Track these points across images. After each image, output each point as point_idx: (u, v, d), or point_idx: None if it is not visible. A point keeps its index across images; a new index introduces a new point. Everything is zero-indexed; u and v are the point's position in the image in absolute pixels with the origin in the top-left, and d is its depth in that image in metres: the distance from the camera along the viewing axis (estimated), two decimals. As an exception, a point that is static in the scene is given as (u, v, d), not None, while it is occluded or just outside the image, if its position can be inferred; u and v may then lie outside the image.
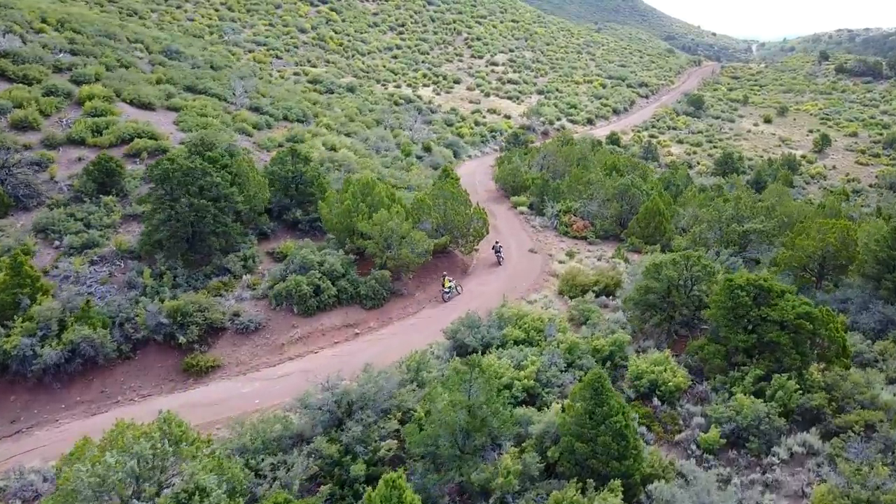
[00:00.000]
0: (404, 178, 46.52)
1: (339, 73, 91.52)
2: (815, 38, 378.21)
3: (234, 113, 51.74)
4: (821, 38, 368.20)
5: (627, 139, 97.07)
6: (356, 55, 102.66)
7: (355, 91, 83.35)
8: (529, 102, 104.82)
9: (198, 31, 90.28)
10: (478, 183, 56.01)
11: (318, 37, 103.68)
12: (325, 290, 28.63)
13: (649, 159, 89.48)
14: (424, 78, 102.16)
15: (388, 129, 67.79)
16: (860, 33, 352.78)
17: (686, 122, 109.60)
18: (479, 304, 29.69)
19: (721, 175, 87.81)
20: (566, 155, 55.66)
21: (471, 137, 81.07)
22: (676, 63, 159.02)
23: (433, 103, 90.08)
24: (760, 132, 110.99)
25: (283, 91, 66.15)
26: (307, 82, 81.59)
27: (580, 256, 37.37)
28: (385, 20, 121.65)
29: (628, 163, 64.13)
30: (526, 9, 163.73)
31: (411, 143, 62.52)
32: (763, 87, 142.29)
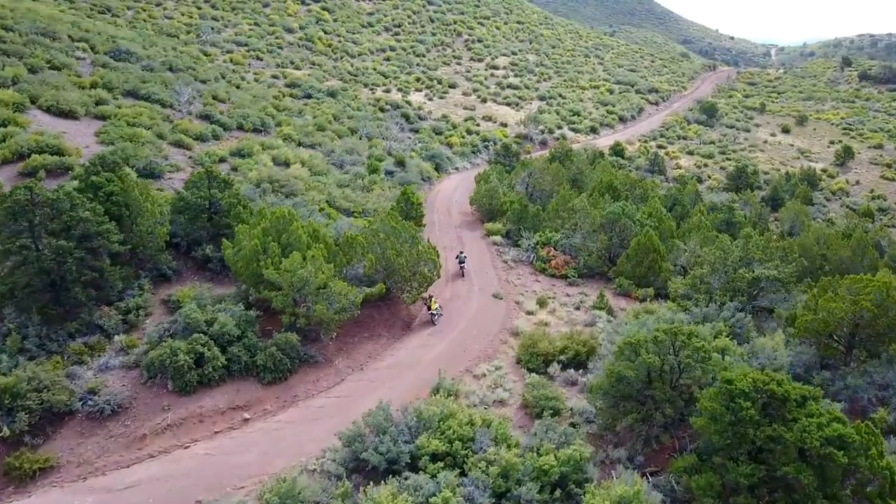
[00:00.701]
0: (361, 200, 40.15)
1: (324, 76, 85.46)
2: (835, 43, 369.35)
3: (177, 122, 45.68)
4: (842, 42, 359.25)
5: (633, 150, 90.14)
6: (345, 57, 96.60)
7: (337, 96, 77.20)
8: (529, 109, 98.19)
9: (173, 31, 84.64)
10: (455, 203, 49.57)
11: (306, 37, 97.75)
12: (211, 360, 22.31)
13: (655, 172, 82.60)
14: (417, 82, 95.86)
15: (363, 139, 61.54)
16: (883, 38, 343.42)
17: (697, 132, 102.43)
18: (412, 380, 23.27)
19: (734, 191, 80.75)
20: (555, 173, 49.05)
21: (460, 148, 74.64)
22: (690, 68, 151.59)
23: (423, 109, 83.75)
24: (778, 143, 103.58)
25: (247, 97, 60.12)
26: (285, 86, 75.58)
27: (554, 305, 30.77)
28: (380, 20, 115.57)
29: (627, 181, 57.38)
30: (533, 10, 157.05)
31: (385, 156, 56.19)
32: (781, 94, 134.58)
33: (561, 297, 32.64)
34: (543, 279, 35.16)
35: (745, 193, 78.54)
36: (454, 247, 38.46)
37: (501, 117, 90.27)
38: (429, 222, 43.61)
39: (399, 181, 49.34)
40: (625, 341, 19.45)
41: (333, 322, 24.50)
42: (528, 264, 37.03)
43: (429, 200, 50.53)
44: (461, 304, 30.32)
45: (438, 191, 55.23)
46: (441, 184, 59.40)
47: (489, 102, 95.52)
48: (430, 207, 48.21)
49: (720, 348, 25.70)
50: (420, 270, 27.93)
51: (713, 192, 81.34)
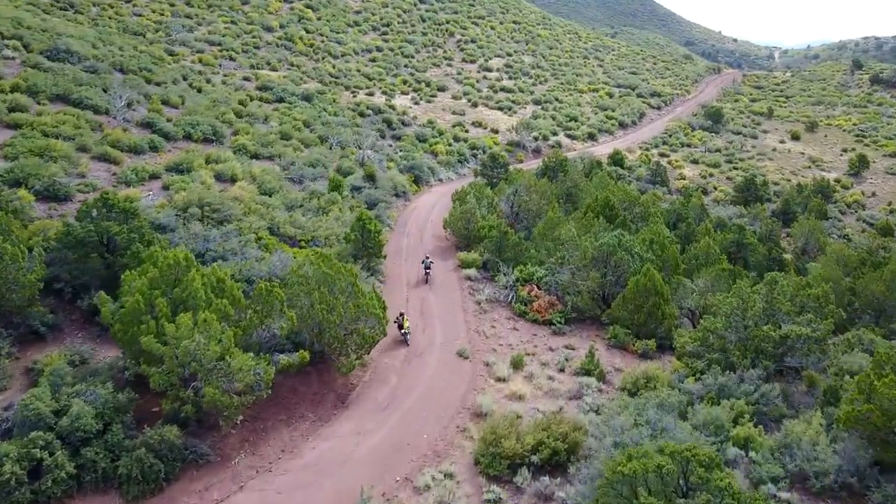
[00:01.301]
0: (312, 226, 34.16)
1: (302, 77, 79.54)
2: (840, 46, 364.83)
3: (107, 131, 39.70)
4: (846, 45, 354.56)
5: (633, 158, 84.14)
6: (327, 58, 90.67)
7: (312, 100, 71.24)
8: (523, 114, 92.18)
9: (140, 29, 78.74)
10: (430, 224, 43.57)
11: (286, 36, 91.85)
12: (53, 471, 16.33)
13: (657, 184, 76.61)
14: (404, 84, 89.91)
15: (333, 149, 55.56)
16: (888, 41, 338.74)
17: (702, 139, 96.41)
18: (332, 493, 17.28)
19: (742, 203, 74.73)
20: (543, 191, 43.04)
21: (446, 157, 68.69)
22: (693, 71, 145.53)
23: (408, 114, 77.78)
24: (787, 151, 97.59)
25: (205, 102, 54.17)
26: (255, 88, 69.63)
27: (532, 367, 24.77)
28: (368, 19, 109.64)
29: (626, 197, 51.38)
30: (531, 9, 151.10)
31: (355, 168, 50.20)
32: (790, 98, 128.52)
33: (542, 351, 26.62)
34: (523, 326, 29.15)
35: (753, 207, 72.58)
36: (420, 284, 32.50)
37: (493, 123, 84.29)
38: (394, 250, 37.64)
39: (366, 199, 43.30)
40: (615, 470, 13.44)
41: (234, 407, 18.52)
42: (505, 305, 31.01)
43: (400, 221, 44.54)
44: (417, 366, 24.31)
45: (415, 208, 49.26)
46: (419, 199, 53.42)
47: (480, 107, 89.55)
48: (401, 229, 42.24)
49: (742, 440, 19.81)
50: (358, 329, 21.92)
51: (720, 206, 75.36)
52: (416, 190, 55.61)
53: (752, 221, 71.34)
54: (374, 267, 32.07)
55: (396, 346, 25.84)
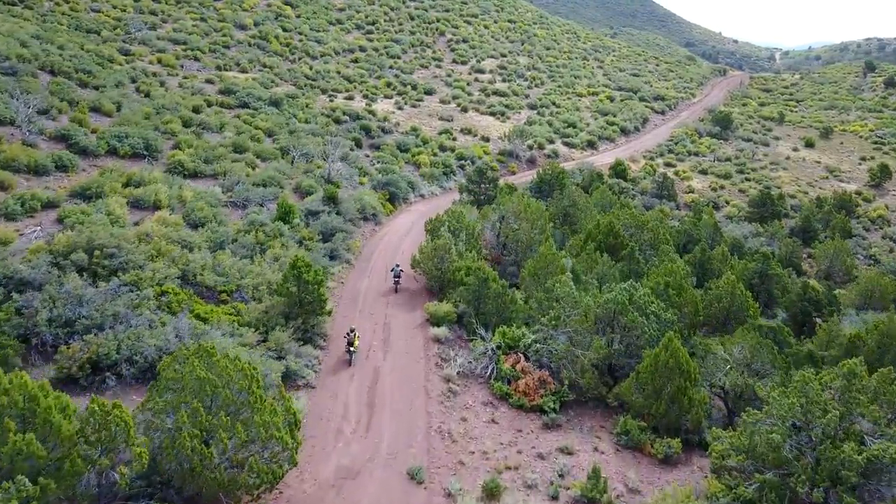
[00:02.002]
0: (238, 272, 26.94)
1: (273, 80, 72.29)
2: (842, 47, 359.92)
3: (4, 147, 32.44)
4: (848, 46, 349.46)
5: (637, 169, 77.00)
6: (304, 58, 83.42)
7: (281, 105, 63.98)
8: (518, 119, 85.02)
9: (96, 26, 71.45)
10: (400, 256, 36.33)
11: (260, 35, 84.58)
12: None
13: (664, 198, 69.49)
14: (388, 87, 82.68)
15: (296, 163, 48.34)
16: (891, 42, 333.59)
17: (711, 146, 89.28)
18: None
19: (758, 220, 67.63)
20: (535, 217, 35.83)
21: (429, 169, 61.54)
22: (698, 73, 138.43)
23: (389, 120, 70.58)
24: (802, 159, 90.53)
25: (145, 109, 46.89)
26: (218, 92, 62.37)
27: (514, 495, 17.54)
28: (352, 17, 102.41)
29: (632, 221, 44.19)
30: (527, 8, 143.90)
31: (316, 187, 42.95)
32: (800, 102, 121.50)
33: (529, 461, 19.46)
34: (504, 416, 21.97)
35: (771, 225, 65.48)
36: (374, 349, 25.28)
37: (483, 129, 77.09)
38: (349, 296, 30.44)
39: (322, 228, 35.98)
40: None
41: None
42: (483, 382, 23.80)
43: (365, 253, 37.29)
44: (346, 498, 17.03)
45: (385, 234, 42.04)
46: (394, 221, 46.24)
47: (470, 112, 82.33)
48: (363, 265, 34.99)
49: None
50: (251, 462, 14.70)
51: (733, 222, 68.22)
52: (390, 210, 48.39)
53: (769, 241, 64.30)
54: (313, 328, 24.83)
55: (329, 454, 18.61)
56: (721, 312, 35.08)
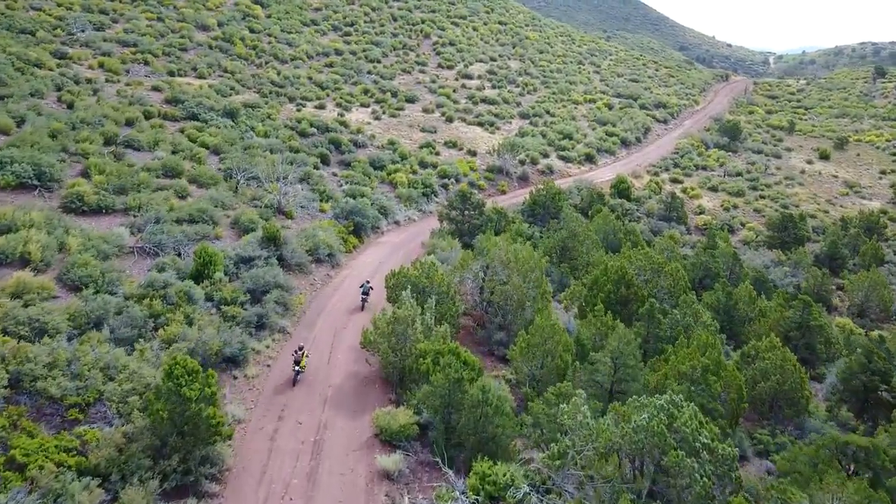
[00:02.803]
0: (102, 373, 18.82)
1: (234, 87, 64.14)
2: (836, 51, 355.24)
3: None
4: (843, 50, 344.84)
5: (641, 186, 69.28)
6: (272, 62, 75.29)
7: (237, 116, 55.87)
8: (508, 130, 77.20)
9: (32, 26, 63.07)
10: (353, 325, 28.17)
11: (224, 36, 76.43)
12: None
13: (673, 220, 61.74)
14: (365, 95, 74.68)
15: (241, 188, 40.24)
16: (886, 46, 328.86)
17: (720, 159, 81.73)
18: None
19: (779, 246, 59.97)
20: (526, 268, 27.83)
21: (406, 190, 53.56)
22: (700, 78, 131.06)
23: (364, 133, 62.59)
24: (818, 173, 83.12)
25: (55, 125, 38.65)
26: (164, 102, 54.23)
27: None
28: (329, 17, 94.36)
29: (646, 263, 36.25)
30: (518, 9, 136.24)
31: (256, 221, 34.82)
32: (809, 109, 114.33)
33: None
34: None
35: (795, 252, 57.83)
36: (291, 494, 17.22)
37: (470, 142, 69.17)
38: (272, 386, 22.32)
39: (250, 284, 27.72)
40: None
41: None
42: (451, 554, 15.71)
43: (311, 313, 29.15)
44: None
45: (343, 280, 33.96)
46: (357, 260, 38.18)
47: (456, 122, 74.41)
48: (301, 335, 26.81)
49: None
50: None
51: (751, 249, 60.52)
52: (354, 245, 40.28)
53: (793, 270, 56.60)
54: (201, 466, 16.70)
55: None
56: (768, 393, 27.22)
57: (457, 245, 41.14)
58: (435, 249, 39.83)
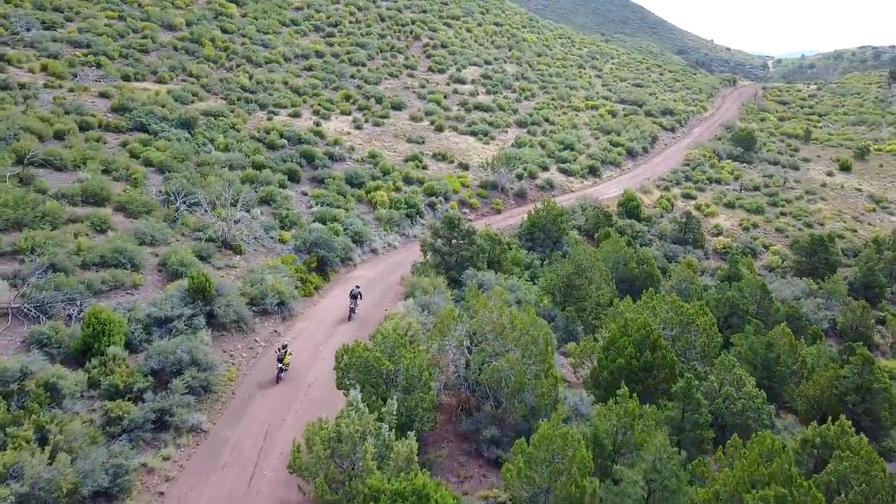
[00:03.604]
0: None
1: (197, 92, 57.24)
2: (836, 55, 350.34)
3: None
4: (842, 55, 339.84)
5: (651, 203, 62.61)
6: (244, 65, 68.40)
7: (195, 126, 48.98)
8: (504, 140, 70.45)
9: (-31, 24, 56.13)
10: (294, 418, 21.25)
11: (192, 37, 69.51)
12: None
13: (689, 243, 54.98)
14: (346, 101, 67.85)
15: (181, 220, 33.35)
16: (886, 50, 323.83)
17: (735, 172, 75.09)
18: None
19: (808, 273, 53.27)
20: (527, 339, 20.96)
21: (387, 211, 46.73)
22: (706, 82, 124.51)
23: (342, 144, 55.81)
24: (840, 186, 76.53)
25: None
26: (110, 110, 47.35)
27: None
28: (310, 17, 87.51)
29: (675, 313, 29.33)
30: (515, 10, 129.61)
31: (188, 261, 27.86)
32: (823, 116, 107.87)
33: None
34: None
35: (828, 281, 51.13)
36: None
37: (462, 154, 62.39)
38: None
39: (158, 360, 20.75)
40: None
41: None
42: None
43: (239, 398, 22.15)
44: None
45: (297, 336, 27.01)
46: (318, 306, 31.32)
47: (447, 131, 67.65)
48: (225, 433, 19.86)
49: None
50: None
51: (777, 277, 53.78)
52: (316, 285, 33.37)
53: (826, 302, 49.87)
54: None
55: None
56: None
57: (442, 284, 34.29)
58: (414, 291, 32.94)
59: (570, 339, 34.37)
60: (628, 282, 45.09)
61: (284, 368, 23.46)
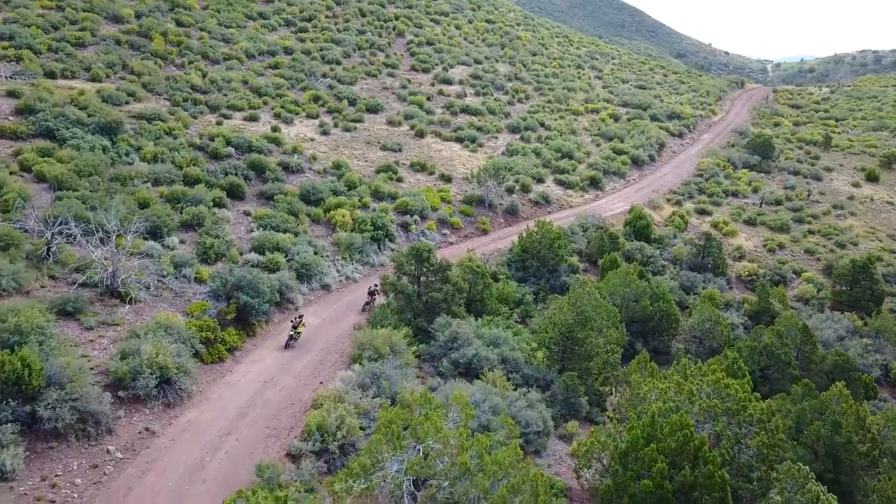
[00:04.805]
0: None
1: (136, 92, 48.93)
2: (836, 59, 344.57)
3: None
4: (842, 58, 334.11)
5: (661, 220, 54.52)
6: (198, 62, 60.15)
7: (119, 131, 40.68)
8: (494, 148, 62.34)
9: None
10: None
11: (140, 30, 61.26)
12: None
13: (709, 271, 46.79)
14: (314, 103, 59.66)
15: (53, 256, 25.06)
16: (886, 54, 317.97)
17: (753, 182, 67.01)
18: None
19: (850, 305, 45.17)
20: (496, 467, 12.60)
21: (347, 235, 38.46)
22: (713, 85, 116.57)
23: (302, 152, 47.65)
24: (869, 199, 68.52)
25: None
26: (13, 112, 39.05)
27: None
28: (282, 10, 79.34)
29: (724, 405, 20.96)
30: (510, 7, 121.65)
31: (35, 330, 19.52)
32: (840, 121, 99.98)
33: None
34: None
35: (877, 318, 42.94)
36: None
37: (445, 164, 54.25)
38: None
39: None
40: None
41: None
42: None
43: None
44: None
45: (182, 432, 18.68)
46: (223, 382, 22.98)
47: (429, 137, 59.51)
48: None
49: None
50: None
51: (814, 310, 45.55)
52: (231, 346, 25.00)
53: (875, 343, 41.67)
54: None
55: None
56: None
57: (402, 341, 26.02)
58: (363, 352, 24.61)
59: (572, 414, 26.17)
60: (641, 322, 36.97)
61: (295, 337, 25.39)
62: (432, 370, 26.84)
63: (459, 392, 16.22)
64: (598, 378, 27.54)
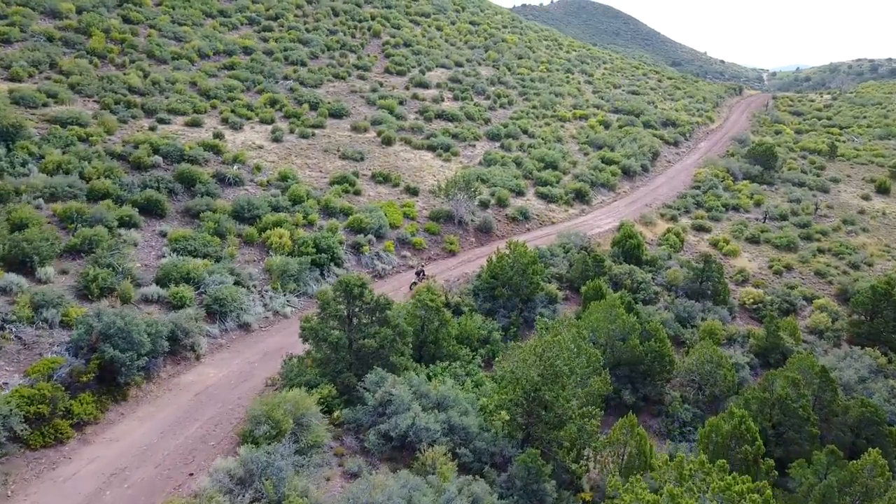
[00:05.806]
0: None
1: (61, 94, 42.94)
2: (831, 68, 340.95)
3: None
4: (838, 67, 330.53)
5: (653, 238, 48.65)
6: (143, 61, 54.20)
7: (18, 138, 34.66)
8: (470, 157, 56.51)
9: None
10: None
11: (80, 26, 55.32)
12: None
13: (709, 298, 40.80)
14: (269, 107, 53.74)
15: None
16: (882, 63, 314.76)
17: (755, 195, 61.26)
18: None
19: (870, 339, 39.29)
20: None
21: (281, 260, 32.40)
22: (710, 91, 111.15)
23: (245, 161, 41.70)
24: (880, 213, 62.83)
25: None
26: None
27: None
28: (245, 8, 73.56)
29: None
30: (496, 9, 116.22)
31: None
32: (844, 129, 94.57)
33: None
34: None
35: (903, 355, 36.97)
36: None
37: (412, 175, 48.35)
38: None
39: None
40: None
41: None
42: None
43: None
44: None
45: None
46: (50, 481, 16.74)
47: (397, 145, 53.65)
48: None
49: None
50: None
51: (829, 344, 39.61)
52: (82, 419, 18.89)
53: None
54: None
55: None
56: None
57: (315, 408, 19.95)
58: (255, 431, 18.50)
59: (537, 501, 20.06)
60: (629, 366, 31.05)
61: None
62: (356, 445, 20.77)
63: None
64: (570, 453, 21.50)
